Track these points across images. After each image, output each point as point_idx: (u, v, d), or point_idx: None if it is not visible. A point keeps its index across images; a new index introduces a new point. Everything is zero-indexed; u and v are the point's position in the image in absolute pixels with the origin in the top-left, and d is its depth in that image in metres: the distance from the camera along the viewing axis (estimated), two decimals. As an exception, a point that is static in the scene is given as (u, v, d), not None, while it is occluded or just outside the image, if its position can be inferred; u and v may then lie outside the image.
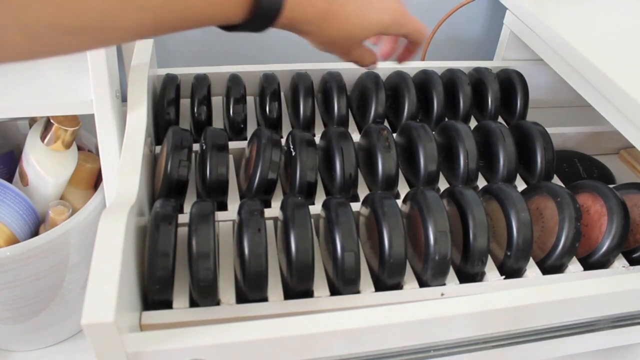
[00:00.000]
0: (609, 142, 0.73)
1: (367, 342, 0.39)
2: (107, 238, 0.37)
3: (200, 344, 0.35)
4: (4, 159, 0.71)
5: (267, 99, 0.61)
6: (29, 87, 0.56)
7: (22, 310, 0.62)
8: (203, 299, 0.41)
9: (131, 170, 0.46)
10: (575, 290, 0.41)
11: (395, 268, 0.44)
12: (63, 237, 0.59)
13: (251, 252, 0.41)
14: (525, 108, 0.67)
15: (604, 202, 0.50)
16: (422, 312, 0.38)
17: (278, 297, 0.43)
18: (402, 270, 0.44)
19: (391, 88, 0.66)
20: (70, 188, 0.67)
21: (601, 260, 0.50)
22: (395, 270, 0.44)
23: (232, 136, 0.61)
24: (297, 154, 0.51)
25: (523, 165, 0.59)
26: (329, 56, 0.53)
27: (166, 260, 0.41)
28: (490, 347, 0.43)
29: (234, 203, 0.52)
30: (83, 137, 0.72)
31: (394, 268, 0.44)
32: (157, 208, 0.44)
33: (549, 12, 0.65)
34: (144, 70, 0.57)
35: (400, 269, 0.44)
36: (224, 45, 0.83)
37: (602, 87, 0.55)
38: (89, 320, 0.32)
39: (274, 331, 0.36)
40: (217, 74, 0.65)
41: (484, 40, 0.90)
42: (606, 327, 0.46)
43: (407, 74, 0.65)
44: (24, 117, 0.71)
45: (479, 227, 0.46)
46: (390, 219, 0.44)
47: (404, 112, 0.63)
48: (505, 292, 0.40)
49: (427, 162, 0.54)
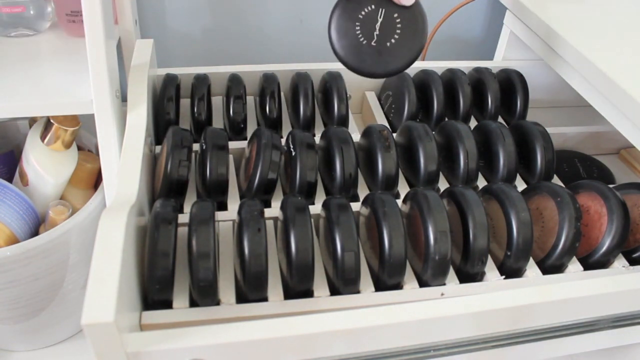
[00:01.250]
0: (609, 142, 0.73)
1: (367, 342, 0.39)
2: (107, 238, 0.37)
3: (200, 344, 0.35)
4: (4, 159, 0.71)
5: (267, 99, 0.62)
6: (29, 87, 0.56)
7: (22, 310, 0.62)
8: (203, 299, 0.41)
9: (131, 170, 0.46)
10: (575, 290, 0.41)
11: (395, 268, 0.44)
12: (63, 237, 0.59)
13: (251, 252, 0.41)
14: (525, 108, 0.67)
15: (604, 202, 0.50)
16: (422, 312, 0.38)
17: (278, 297, 0.43)
18: (402, 270, 0.44)
19: (391, 88, 0.66)
20: (70, 188, 0.67)
21: (601, 260, 0.50)
22: (395, 270, 0.44)
23: (232, 136, 0.61)
24: (297, 154, 0.51)
25: (523, 165, 0.59)
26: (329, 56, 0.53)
27: (166, 260, 0.41)
28: (490, 347, 0.43)
29: (234, 203, 0.52)
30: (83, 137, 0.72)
31: (394, 268, 0.44)
32: (157, 208, 0.44)
33: (549, 12, 0.65)
34: (144, 70, 0.57)
35: (400, 269, 0.44)
36: (224, 45, 0.83)
37: (602, 87, 0.55)
38: (89, 320, 0.32)
39: (274, 331, 0.36)
40: (217, 74, 0.65)
41: (484, 40, 0.90)
42: (606, 327, 0.46)
43: (407, 73, 0.65)
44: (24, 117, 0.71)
45: (479, 227, 0.46)
46: (390, 219, 0.44)
47: (404, 112, 0.63)
48: (505, 292, 0.40)
49: (427, 162, 0.54)
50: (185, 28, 0.80)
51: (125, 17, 0.68)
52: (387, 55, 0.51)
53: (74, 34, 0.65)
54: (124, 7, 0.67)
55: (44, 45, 0.65)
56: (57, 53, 0.63)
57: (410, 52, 0.51)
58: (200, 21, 0.80)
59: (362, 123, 0.71)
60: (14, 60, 0.61)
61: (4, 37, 0.65)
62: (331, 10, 0.51)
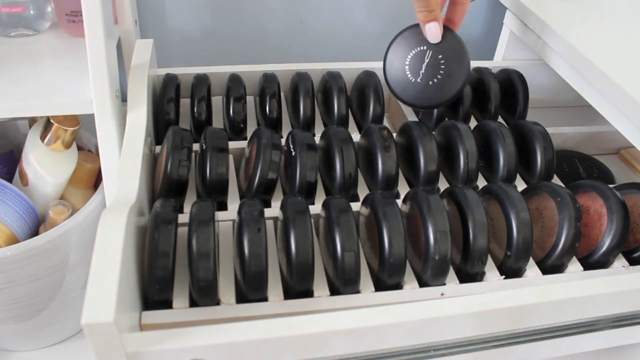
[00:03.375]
0: (609, 142, 0.73)
1: (367, 342, 0.39)
2: (107, 238, 0.37)
3: (200, 344, 0.35)
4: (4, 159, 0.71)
5: (267, 98, 0.61)
6: (29, 87, 0.56)
7: (22, 310, 0.62)
8: (203, 299, 0.41)
9: (131, 170, 0.46)
10: (575, 290, 0.41)
11: (395, 268, 0.44)
12: (63, 237, 0.59)
13: (251, 252, 0.41)
14: (525, 108, 0.67)
15: (604, 202, 0.50)
16: (422, 312, 0.38)
17: (278, 297, 0.43)
18: (402, 270, 0.44)
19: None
20: (70, 188, 0.67)
21: (601, 260, 0.50)
22: (395, 270, 0.44)
23: (232, 136, 0.61)
24: (297, 154, 0.51)
25: (523, 165, 0.59)
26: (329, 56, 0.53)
27: (166, 260, 0.41)
28: (490, 347, 0.43)
29: (234, 203, 0.52)
30: (83, 137, 0.72)
31: (394, 268, 0.44)
32: (157, 208, 0.43)
33: (549, 12, 0.65)
34: (144, 70, 0.57)
35: (400, 269, 0.44)
36: (224, 45, 0.83)
37: (602, 87, 0.55)
38: (89, 320, 0.32)
39: (274, 331, 0.36)
40: (217, 74, 0.65)
41: (484, 40, 0.90)
42: (606, 327, 0.46)
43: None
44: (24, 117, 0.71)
45: (479, 227, 0.46)
46: (390, 219, 0.44)
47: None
48: (505, 292, 0.40)
49: (427, 162, 0.54)
50: (185, 28, 0.80)
51: (125, 17, 0.68)
52: (429, 92, 0.58)
53: (74, 34, 0.65)
54: (124, 7, 0.67)
55: (44, 45, 0.65)
56: (57, 53, 0.63)
57: (447, 94, 0.57)
58: (200, 21, 0.80)
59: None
60: (14, 60, 0.61)
61: (4, 37, 0.65)
62: (389, 43, 0.59)
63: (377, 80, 0.63)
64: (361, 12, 0.83)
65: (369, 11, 0.84)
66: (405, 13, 0.84)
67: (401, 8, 0.84)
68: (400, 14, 0.84)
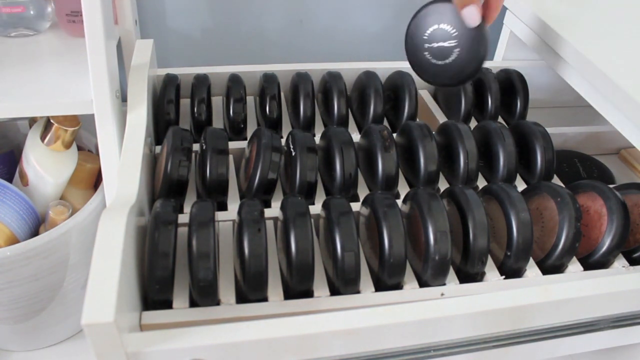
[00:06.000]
0: (609, 142, 0.73)
1: (367, 342, 0.39)
2: (107, 238, 0.37)
3: (200, 344, 0.35)
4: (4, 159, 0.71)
5: (267, 99, 0.62)
6: (29, 87, 0.56)
7: (22, 310, 0.62)
8: (203, 299, 0.41)
9: (131, 170, 0.46)
10: (575, 290, 0.41)
11: (395, 268, 0.44)
12: (63, 237, 0.59)
13: (251, 252, 0.41)
14: (525, 108, 0.67)
15: (604, 202, 0.50)
16: (422, 312, 0.38)
17: (278, 297, 0.43)
18: (402, 270, 0.44)
19: (391, 88, 0.66)
20: (70, 188, 0.67)
21: (601, 260, 0.50)
22: (395, 270, 0.44)
23: (232, 136, 0.61)
24: (297, 154, 0.51)
25: (523, 165, 0.59)
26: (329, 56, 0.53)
27: (166, 260, 0.41)
28: (490, 347, 0.43)
29: (234, 203, 0.52)
30: (83, 137, 0.72)
31: (394, 268, 0.44)
32: (157, 208, 0.44)
33: (549, 13, 0.65)
34: (144, 70, 0.57)
35: (400, 269, 0.44)
36: (224, 45, 0.83)
37: (602, 87, 0.55)
38: (89, 320, 0.32)
39: (274, 331, 0.36)
40: (217, 74, 0.65)
41: (484, 40, 0.90)
42: (606, 327, 0.46)
43: (407, 73, 0.65)
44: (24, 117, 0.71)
45: (479, 227, 0.46)
46: (390, 219, 0.44)
47: (404, 112, 0.63)
48: (505, 292, 0.40)
49: (427, 162, 0.54)
50: (185, 28, 0.80)
51: (125, 17, 0.68)
52: (447, 70, 0.55)
53: (74, 34, 0.65)
54: (124, 7, 0.67)
55: (44, 45, 0.65)
56: (57, 53, 0.63)
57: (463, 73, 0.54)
58: (200, 21, 0.80)
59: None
60: (14, 60, 0.61)
61: (4, 37, 0.65)
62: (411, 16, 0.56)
63: (377, 81, 0.63)
64: (361, 12, 0.83)
65: (369, 11, 0.84)
66: (406, 13, 0.84)
67: (401, 8, 0.84)
68: (400, 14, 0.84)
